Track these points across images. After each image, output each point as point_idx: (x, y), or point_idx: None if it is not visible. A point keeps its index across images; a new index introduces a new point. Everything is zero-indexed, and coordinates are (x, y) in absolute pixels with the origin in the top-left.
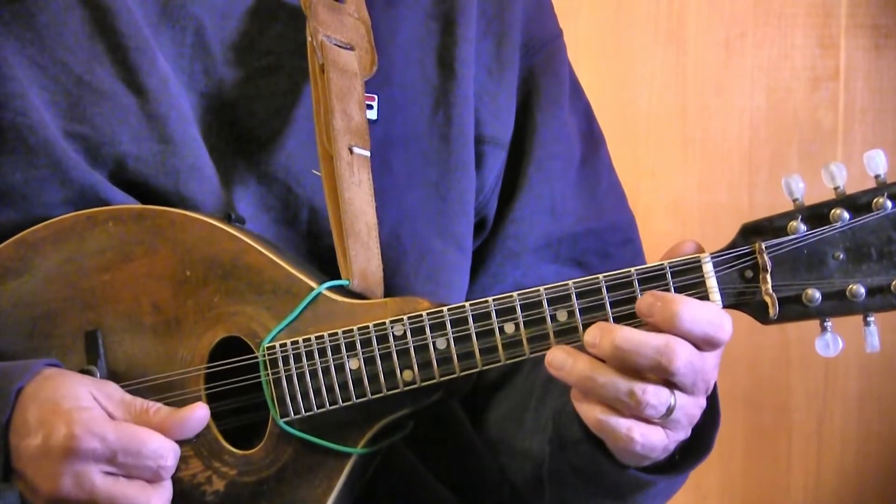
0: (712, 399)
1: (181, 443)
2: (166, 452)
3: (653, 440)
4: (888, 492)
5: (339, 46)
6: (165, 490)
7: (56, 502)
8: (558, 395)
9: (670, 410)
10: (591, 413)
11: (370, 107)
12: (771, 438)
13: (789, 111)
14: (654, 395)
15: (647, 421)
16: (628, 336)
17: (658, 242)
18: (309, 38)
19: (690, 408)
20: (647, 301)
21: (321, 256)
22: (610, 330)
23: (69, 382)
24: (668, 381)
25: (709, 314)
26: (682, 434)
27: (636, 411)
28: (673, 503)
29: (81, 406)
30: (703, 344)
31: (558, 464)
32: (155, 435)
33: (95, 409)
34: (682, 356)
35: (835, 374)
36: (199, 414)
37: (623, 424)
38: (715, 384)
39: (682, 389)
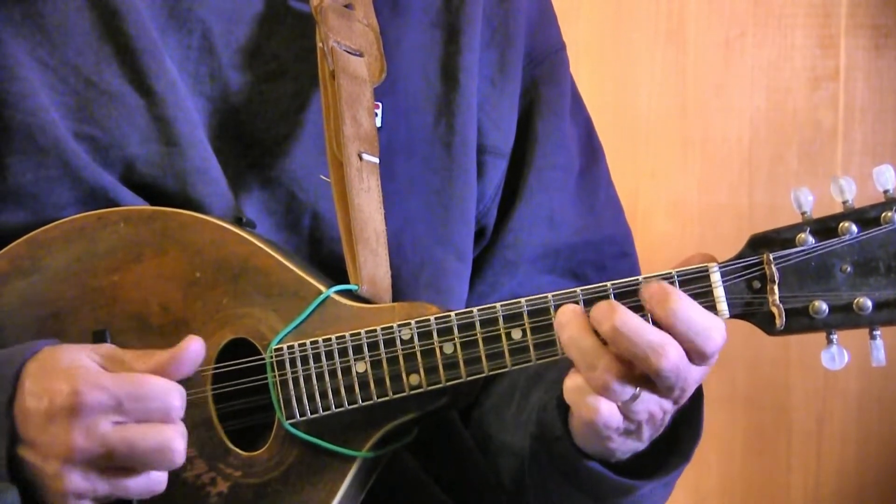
0: (696, 412)
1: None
2: (170, 390)
3: (612, 420)
4: (888, 492)
5: (349, 53)
6: (179, 426)
7: (72, 462)
8: (544, 390)
9: (634, 398)
10: (572, 382)
11: (374, 114)
12: (771, 438)
13: (789, 111)
14: (620, 379)
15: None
16: (628, 322)
17: (658, 243)
18: (319, 44)
19: (653, 405)
20: (650, 289)
21: (323, 262)
22: (614, 311)
23: (66, 349)
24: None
25: (700, 321)
26: (641, 428)
27: (597, 384)
28: (672, 502)
29: (77, 365)
30: (686, 347)
31: (540, 460)
32: (155, 378)
33: (93, 364)
34: (672, 359)
35: (835, 374)
36: (192, 347)
37: (592, 397)
38: (702, 398)
39: (656, 389)
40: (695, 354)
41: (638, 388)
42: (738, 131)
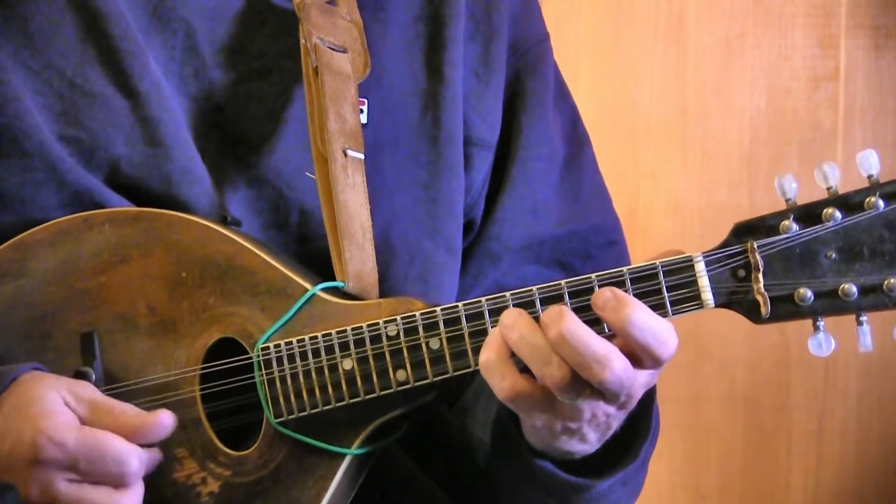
0: (648, 412)
1: (174, 444)
2: (128, 458)
3: (570, 412)
4: (888, 492)
5: (333, 49)
6: (133, 493)
7: None
8: None
9: (579, 396)
10: (484, 357)
11: (360, 110)
12: (771, 438)
13: (789, 111)
14: (573, 383)
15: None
16: (575, 331)
17: (658, 242)
18: (302, 41)
19: (596, 408)
20: (603, 296)
21: (311, 259)
22: (562, 318)
23: (40, 387)
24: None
25: (657, 327)
26: (583, 429)
27: (552, 380)
28: (672, 502)
29: (47, 411)
30: (641, 353)
31: (501, 458)
32: (116, 441)
33: (62, 414)
34: (616, 370)
35: (835, 374)
36: (163, 421)
37: (501, 374)
38: (653, 397)
39: (600, 396)
40: (650, 360)
41: (588, 389)
42: (738, 131)
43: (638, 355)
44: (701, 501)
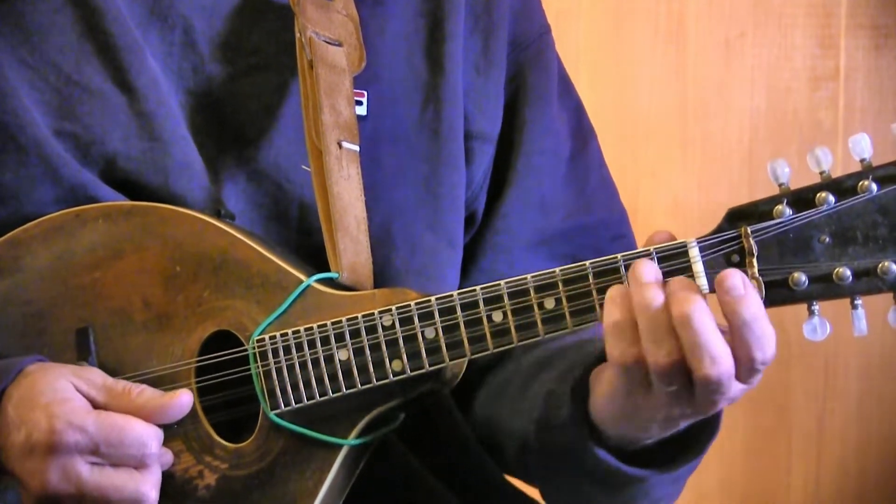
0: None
1: (170, 437)
2: (148, 439)
3: (656, 400)
4: (888, 492)
5: (328, 43)
6: (153, 474)
7: (47, 498)
8: (549, 379)
9: (670, 385)
10: (636, 348)
11: (359, 103)
12: (771, 438)
13: (789, 111)
14: (674, 370)
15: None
16: (704, 319)
17: None
18: (297, 35)
19: (676, 406)
20: (733, 280)
21: (311, 252)
22: (695, 301)
23: (48, 376)
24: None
25: (766, 331)
26: (670, 413)
27: (653, 359)
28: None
29: (59, 398)
30: (742, 354)
31: (544, 444)
32: (135, 422)
33: (75, 399)
34: (722, 370)
35: (835, 374)
36: (182, 400)
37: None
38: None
39: (689, 393)
40: (746, 368)
41: (687, 376)
42: (738, 131)
43: (739, 358)
44: (701, 501)
